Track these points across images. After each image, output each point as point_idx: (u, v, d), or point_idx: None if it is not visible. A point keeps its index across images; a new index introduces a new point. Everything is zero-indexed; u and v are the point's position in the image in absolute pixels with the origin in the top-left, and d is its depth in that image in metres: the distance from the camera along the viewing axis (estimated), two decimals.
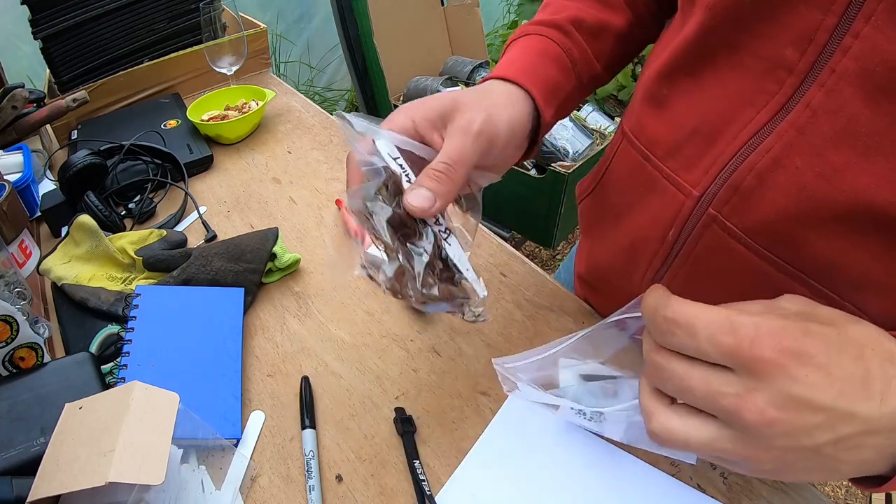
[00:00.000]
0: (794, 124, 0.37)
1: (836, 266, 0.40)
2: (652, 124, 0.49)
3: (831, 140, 0.36)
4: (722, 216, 0.43)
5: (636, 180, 0.51)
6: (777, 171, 0.39)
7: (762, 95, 0.39)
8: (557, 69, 0.49)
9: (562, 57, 0.50)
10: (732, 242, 0.43)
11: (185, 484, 0.48)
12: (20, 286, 0.63)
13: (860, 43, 0.33)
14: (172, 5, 1.09)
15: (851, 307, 0.41)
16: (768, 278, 0.43)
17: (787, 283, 0.42)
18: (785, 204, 0.39)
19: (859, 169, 0.35)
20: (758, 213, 0.41)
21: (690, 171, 0.45)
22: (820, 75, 0.35)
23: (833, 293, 0.41)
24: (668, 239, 0.48)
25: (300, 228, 0.80)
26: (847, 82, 0.34)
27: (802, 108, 0.37)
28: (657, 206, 0.49)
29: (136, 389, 0.46)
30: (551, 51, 0.50)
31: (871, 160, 0.34)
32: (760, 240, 0.42)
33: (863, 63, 0.33)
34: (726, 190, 0.42)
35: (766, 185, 0.39)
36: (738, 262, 0.43)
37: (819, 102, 0.36)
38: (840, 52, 0.34)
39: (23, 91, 0.89)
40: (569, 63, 0.51)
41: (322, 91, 2.68)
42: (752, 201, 0.41)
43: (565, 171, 1.74)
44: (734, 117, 0.41)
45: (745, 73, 0.40)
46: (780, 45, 0.37)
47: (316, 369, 0.60)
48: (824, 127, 0.36)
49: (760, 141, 0.39)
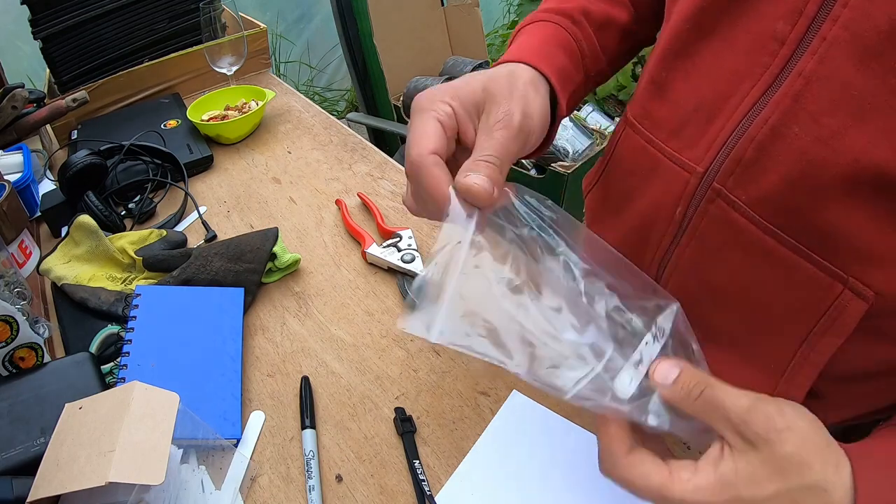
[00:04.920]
0: (789, 93, 0.38)
1: (839, 236, 0.40)
2: (654, 108, 0.50)
3: (826, 105, 0.37)
4: (726, 189, 0.44)
5: (640, 164, 0.52)
6: (776, 141, 0.40)
7: (756, 68, 0.40)
8: (569, 59, 0.49)
9: (572, 46, 0.50)
10: (736, 216, 0.44)
11: (185, 484, 0.48)
12: (20, 286, 0.63)
13: (849, 11, 0.35)
14: (172, 5, 1.09)
15: (854, 281, 0.41)
16: (771, 253, 0.43)
17: (790, 258, 0.42)
18: (786, 171, 0.40)
19: (855, 130, 0.36)
20: (761, 184, 0.41)
21: (693, 148, 0.46)
22: (811, 44, 0.37)
23: (835, 266, 0.41)
24: (676, 217, 0.48)
25: (300, 228, 0.80)
26: (838, 49, 0.36)
27: (795, 77, 0.38)
28: (663, 187, 0.49)
29: (136, 389, 0.46)
30: (563, 39, 0.50)
31: (866, 120, 0.36)
32: (764, 212, 0.42)
33: (853, 30, 0.35)
34: (729, 163, 0.43)
35: (767, 155, 0.41)
36: (741, 236, 0.44)
37: (812, 70, 0.37)
38: (830, 21, 0.36)
39: (23, 91, 0.89)
40: (578, 54, 0.50)
41: (322, 91, 2.68)
42: (754, 172, 0.42)
43: (565, 171, 1.74)
44: (732, 93, 0.42)
45: (739, 50, 0.42)
46: (771, 19, 0.39)
47: (316, 369, 0.60)
48: (818, 93, 0.37)
49: (758, 112, 0.41)
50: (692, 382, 0.33)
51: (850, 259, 0.40)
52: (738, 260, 0.46)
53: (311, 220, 0.81)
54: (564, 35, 0.50)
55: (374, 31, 1.82)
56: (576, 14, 0.51)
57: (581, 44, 0.51)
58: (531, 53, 0.45)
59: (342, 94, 2.75)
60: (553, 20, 0.51)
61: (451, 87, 0.39)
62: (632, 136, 0.53)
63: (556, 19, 0.51)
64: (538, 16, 0.53)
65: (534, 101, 0.40)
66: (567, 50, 0.49)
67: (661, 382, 0.34)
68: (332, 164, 0.92)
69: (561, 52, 0.48)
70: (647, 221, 0.53)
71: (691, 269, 0.50)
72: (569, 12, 0.51)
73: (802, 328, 0.45)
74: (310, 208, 0.83)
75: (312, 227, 0.80)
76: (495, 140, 0.36)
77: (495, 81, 0.39)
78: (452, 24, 2.12)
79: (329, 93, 2.72)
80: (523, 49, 0.46)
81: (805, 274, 0.42)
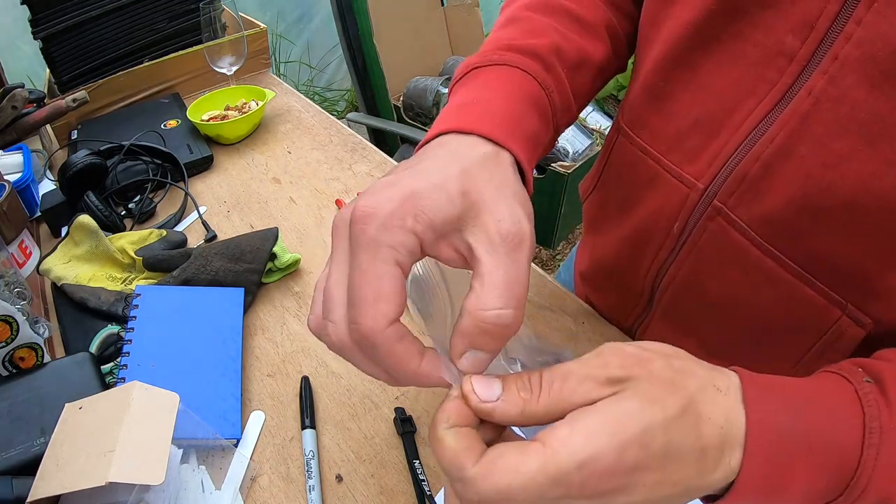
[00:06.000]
0: (797, 112, 0.37)
1: (840, 263, 0.39)
2: (650, 118, 0.48)
3: (835, 128, 0.35)
4: (727, 208, 0.43)
5: (636, 175, 0.51)
6: (783, 161, 0.38)
7: (763, 84, 0.39)
8: (539, 120, 0.41)
9: (543, 101, 0.42)
10: (736, 235, 0.43)
11: (185, 484, 0.48)
12: (20, 286, 0.63)
13: (863, 29, 0.33)
14: (172, 5, 1.09)
15: (854, 308, 0.40)
16: (770, 274, 0.42)
17: (789, 281, 0.42)
18: (790, 193, 0.38)
19: (864, 156, 0.35)
20: (764, 204, 0.40)
21: (693, 163, 0.44)
22: (822, 62, 0.35)
23: (835, 292, 0.40)
24: (674, 232, 0.47)
25: (300, 228, 0.80)
26: (850, 69, 0.34)
27: (805, 96, 0.36)
28: (661, 200, 0.48)
29: (136, 389, 0.46)
30: (533, 93, 0.41)
31: (875, 147, 0.34)
32: (765, 233, 0.41)
33: (866, 49, 0.33)
34: (732, 181, 0.41)
35: (773, 175, 0.39)
36: (741, 255, 0.43)
37: (821, 90, 0.35)
38: (843, 39, 0.34)
39: (23, 91, 0.89)
40: (549, 112, 0.42)
41: (322, 91, 2.68)
42: (758, 191, 0.40)
43: (565, 171, 1.74)
44: (736, 107, 0.41)
45: (745, 63, 0.39)
46: (780, 32, 0.37)
47: (316, 369, 0.60)
48: (827, 114, 0.35)
49: (764, 130, 0.39)
50: (524, 379, 0.27)
51: (850, 286, 0.40)
52: (737, 278, 0.45)
53: (311, 220, 0.81)
54: (534, 88, 0.41)
55: (374, 31, 1.83)
56: (547, 56, 0.43)
57: (553, 97, 0.42)
58: (498, 123, 0.35)
59: (342, 94, 2.75)
60: (520, 65, 0.41)
61: (412, 192, 0.27)
62: (626, 145, 0.51)
63: (525, 64, 0.42)
64: (501, 56, 0.42)
65: (522, 192, 0.31)
66: (538, 107, 0.41)
67: (485, 397, 0.26)
68: (332, 164, 0.92)
69: (532, 112, 0.40)
70: (643, 233, 0.51)
71: (688, 283, 0.49)
72: (539, 53, 0.42)
73: (798, 350, 0.44)
74: (310, 208, 0.83)
75: (312, 227, 0.80)
76: (506, 270, 0.27)
77: (473, 177, 0.29)
78: (452, 24, 2.12)
79: (329, 93, 2.72)
80: (482, 110, 0.36)
81: (803, 297, 0.42)
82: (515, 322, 0.26)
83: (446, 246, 0.28)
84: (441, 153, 0.32)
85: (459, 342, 0.27)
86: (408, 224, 0.27)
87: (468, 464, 0.25)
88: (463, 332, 0.27)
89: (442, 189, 0.28)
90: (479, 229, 0.28)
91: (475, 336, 0.26)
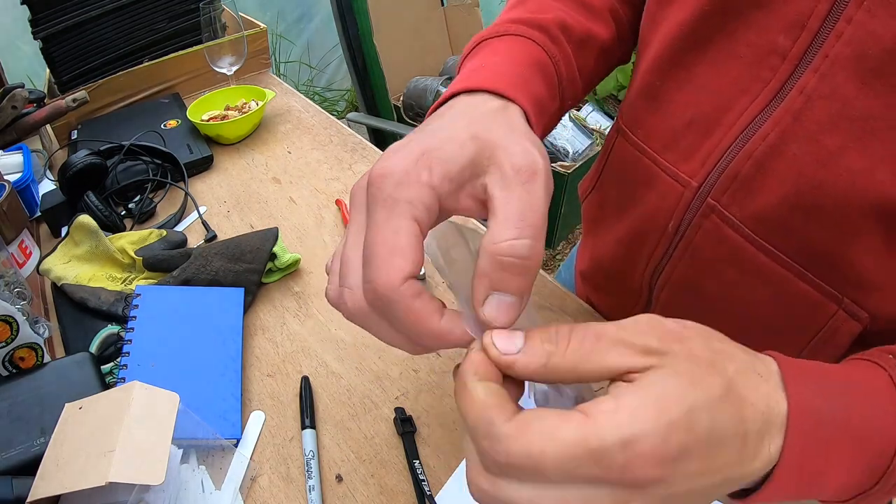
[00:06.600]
0: (790, 110, 0.37)
1: (835, 258, 0.40)
2: (647, 118, 0.49)
3: (827, 125, 0.36)
4: (721, 206, 0.43)
5: (634, 174, 0.51)
6: (775, 158, 0.39)
7: (756, 83, 0.39)
8: (545, 85, 0.41)
9: (549, 69, 0.42)
10: (730, 232, 0.43)
11: (185, 484, 0.48)
12: (20, 286, 0.63)
13: (853, 28, 0.33)
14: (172, 5, 1.09)
15: (849, 302, 0.41)
16: (765, 270, 0.43)
17: (785, 276, 0.42)
18: (783, 190, 0.39)
19: (855, 152, 0.35)
20: (757, 202, 0.41)
21: (688, 162, 0.45)
22: (813, 61, 0.36)
23: (831, 287, 0.41)
24: (669, 230, 0.48)
25: (300, 228, 0.80)
26: (840, 67, 0.34)
27: (797, 94, 0.37)
28: (656, 199, 0.49)
29: (136, 389, 0.46)
30: (539, 59, 0.41)
31: (866, 143, 0.35)
32: (759, 230, 0.42)
33: (856, 47, 0.33)
34: (725, 179, 0.42)
35: (765, 173, 0.40)
36: (735, 253, 0.44)
37: (813, 88, 0.36)
38: (833, 38, 0.34)
39: (23, 91, 0.89)
40: (556, 80, 0.43)
41: (322, 91, 2.68)
42: (751, 189, 0.41)
43: (565, 171, 1.74)
44: (729, 106, 0.41)
45: (739, 62, 0.40)
46: (772, 32, 0.37)
47: (316, 369, 0.60)
48: (819, 112, 0.36)
49: (757, 128, 0.39)
50: (550, 332, 0.25)
51: (846, 280, 0.40)
52: (732, 275, 0.45)
53: (311, 220, 0.81)
54: (540, 54, 0.42)
55: (374, 31, 1.83)
56: (553, 28, 0.43)
57: (559, 66, 0.43)
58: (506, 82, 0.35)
59: (342, 94, 2.75)
60: (527, 35, 0.42)
61: (425, 150, 0.27)
62: (624, 145, 0.52)
63: (531, 34, 0.42)
64: (507, 28, 0.43)
65: (537, 138, 0.30)
66: (544, 74, 0.41)
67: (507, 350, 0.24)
68: (332, 164, 0.92)
69: (537, 76, 0.40)
70: (639, 232, 0.52)
71: (684, 281, 0.49)
72: (545, 26, 0.43)
73: (795, 345, 0.44)
74: (310, 208, 0.83)
75: (312, 227, 0.80)
76: (523, 202, 0.25)
77: (483, 123, 0.29)
78: (452, 24, 2.12)
79: (329, 93, 2.72)
80: (490, 72, 0.36)
81: (799, 292, 0.42)
82: (533, 252, 0.25)
83: (465, 196, 0.28)
84: (450, 113, 0.32)
85: (479, 285, 0.25)
86: (423, 178, 0.26)
87: (500, 419, 0.23)
88: (481, 273, 0.25)
89: (453, 140, 0.28)
90: (494, 168, 0.27)
91: (493, 274, 0.25)
